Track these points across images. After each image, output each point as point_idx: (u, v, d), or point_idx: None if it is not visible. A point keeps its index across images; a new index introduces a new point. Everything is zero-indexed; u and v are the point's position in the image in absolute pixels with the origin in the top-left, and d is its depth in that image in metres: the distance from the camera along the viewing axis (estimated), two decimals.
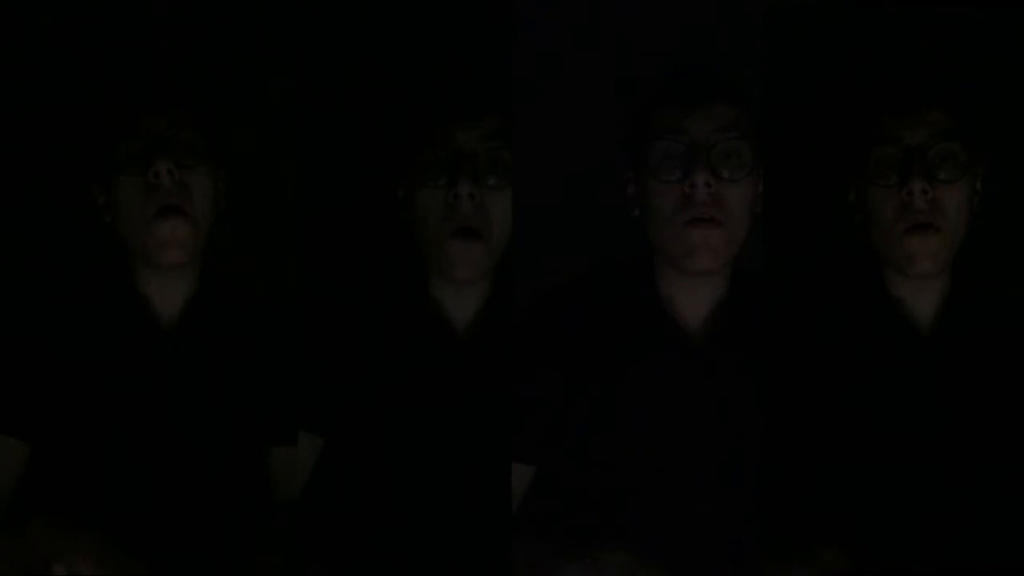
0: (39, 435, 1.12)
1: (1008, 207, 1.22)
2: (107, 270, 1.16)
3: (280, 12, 1.30)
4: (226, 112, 1.18)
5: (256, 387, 1.16)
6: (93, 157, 1.14)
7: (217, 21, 1.33)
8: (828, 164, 1.19)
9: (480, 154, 1.10)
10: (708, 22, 1.29)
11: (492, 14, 1.26)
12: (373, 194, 1.24)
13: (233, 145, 1.18)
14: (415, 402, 1.14)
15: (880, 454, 1.11)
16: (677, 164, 1.07)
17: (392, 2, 1.35)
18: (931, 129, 1.09)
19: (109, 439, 1.11)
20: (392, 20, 1.35)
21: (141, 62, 1.33)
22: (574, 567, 0.67)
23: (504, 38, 1.23)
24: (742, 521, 1.09)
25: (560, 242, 1.25)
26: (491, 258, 1.13)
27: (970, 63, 1.29)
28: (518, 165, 1.11)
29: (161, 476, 1.11)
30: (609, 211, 1.16)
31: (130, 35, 1.34)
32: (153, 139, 1.10)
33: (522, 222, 1.12)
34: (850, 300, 1.16)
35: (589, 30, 1.33)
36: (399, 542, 1.12)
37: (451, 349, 1.15)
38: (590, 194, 1.26)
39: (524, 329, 1.14)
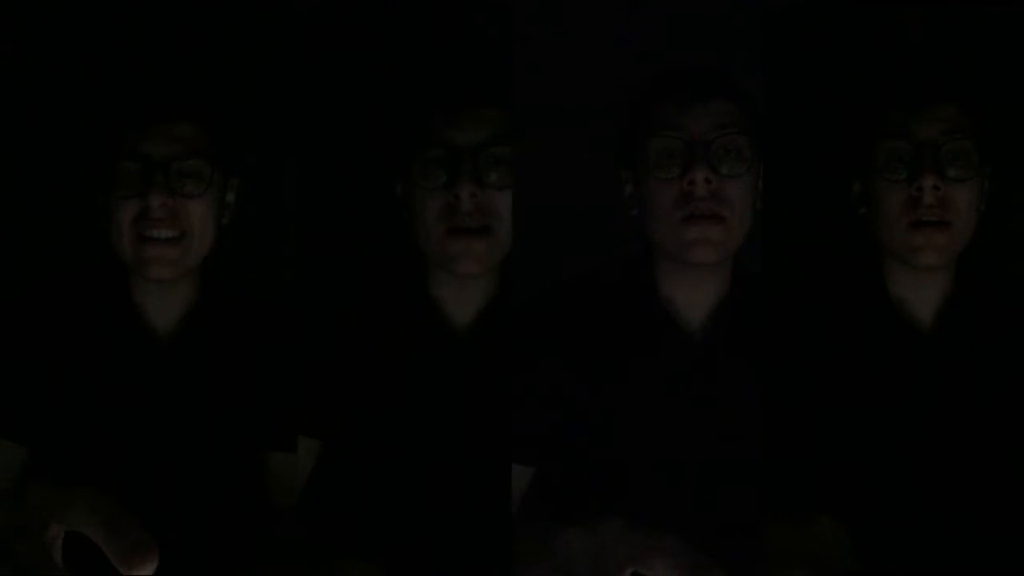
0: (37, 440, 1.12)
1: (1012, 206, 1.20)
2: (104, 277, 1.16)
3: (279, 8, 1.29)
4: (224, 110, 1.16)
5: (255, 394, 1.15)
6: (95, 167, 1.12)
7: (215, 19, 1.33)
8: (830, 161, 1.18)
9: (480, 152, 1.07)
10: (709, 16, 1.28)
11: (491, 10, 1.25)
12: (372, 191, 1.23)
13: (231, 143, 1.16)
14: (414, 403, 1.13)
15: (881, 452, 1.10)
16: (675, 161, 1.06)
17: None
18: (944, 125, 1.07)
19: (103, 446, 1.11)
20: (391, 15, 1.35)
21: (147, 68, 1.33)
22: (571, 532, 0.66)
23: (503, 34, 1.22)
24: (742, 521, 1.07)
25: (560, 242, 1.24)
26: (496, 252, 1.11)
27: (971, 61, 1.27)
28: (518, 164, 1.10)
29: (156, 484, 1.11)
30: (610, 210, 1.15)
31: (134, 39, 1.34)
32: (154, 163, 1.07)
33: (522, 222, 1.11)
34: (850, 298, 1.15)
35: (588, 27, 1.32)
36: (398, 543, 1.11)
37: (451, 349, 1.14)
38: (591, 193, 1.25)
39: (523, 329, 1.13)
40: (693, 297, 1.12)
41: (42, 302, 1.16)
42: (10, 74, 1.32)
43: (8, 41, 1.32)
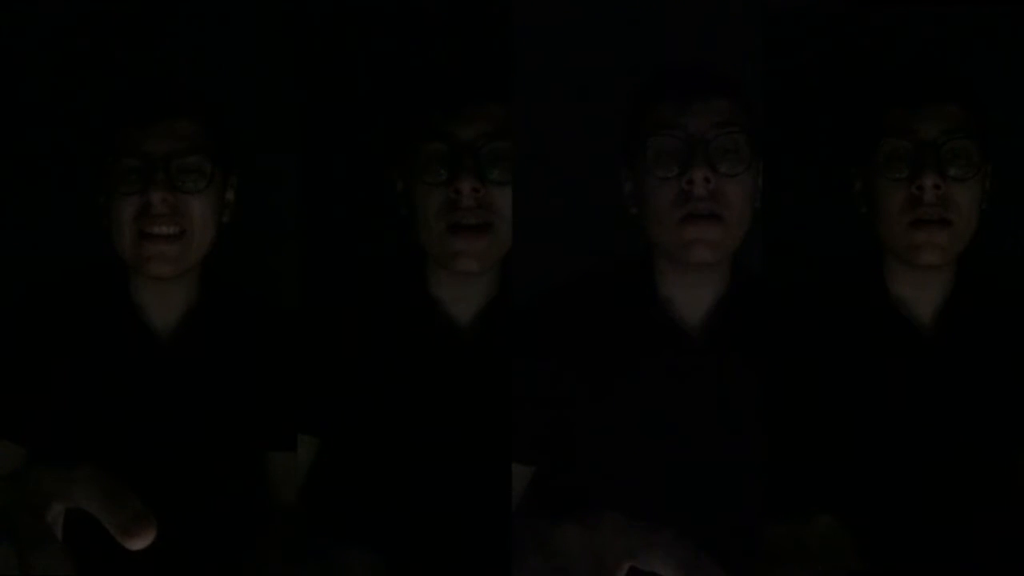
0: (37, 440, 1.12)
1: (1012, 206, 1.20)
2: (104, 277, 1.15)
3: (281, 6, 1.29)
4: (224, 107, 1.16)
5: (255, 393, 1.15)
6: (96, 166, 1.12)
7: (216, 16, 1.33)
8: (830, 160, 1.17)
9: (481, 147, 1.07)
10: (709, 16, 1.28)
11: (492, 7, 1.25)
12: (373, 190, 1.23)
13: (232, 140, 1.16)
14: (414, 402, 1.13)
15: (881, 452, 1.10)
16: (674, 160, 1.06)
17: None
18: (945, 124, 1.07)
19: (103, 445, 1.11)
20: (391, 11, 1.35)
21: (147, 65, 1.33)
22: (568, 528, 0.66)
23: (504, 32, 1.22)
24: (742, 521, 1.07)
25: (560, 241, 1.24)
26: (497, 250, 1.10)
27: (971, 61, 1.27)
28: (518, 163, 1.09)
29: (156, 483, 1.10)
30: (610, 209, 1.15)
31: (135, 37, 1.34)
32: (155, 160, 1.07)
33: (522, 220, 1.11)
34: (850, 298, 1.15)
35: (588, 26, 1.32)
36: (398, 543, 1.11)
37: (451, 348, 1.14)
38: (591, 192, 1.25)
39: (524, 328, 1.12)
40: (692, 296, 1.12)
41: (42, 302, 1.15)
42: (10, 73, 1.32)
43: (8, 40, 1.32)
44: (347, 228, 1.35)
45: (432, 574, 1.11)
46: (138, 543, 0.57)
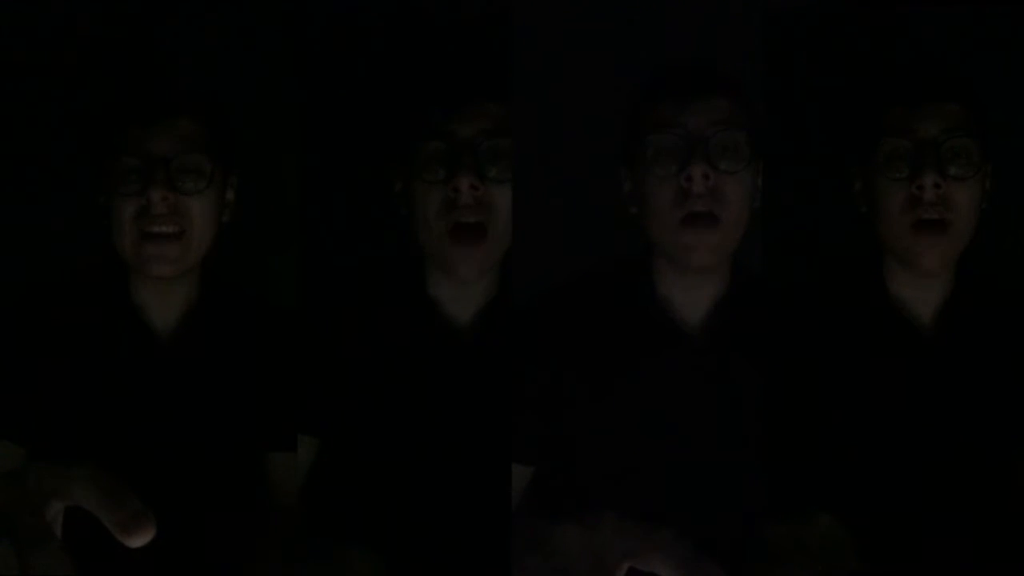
0: (37, 440, 1.12)
1: (1012, 206, 1.20)
2: (104, 277, 1.15)
3: (280, 7, 1.29)
4: (226, 108, 1.16)
5: (255, 393, 1.15)
6: (96, 166, 1.12)
7: (216, 16, 1.33)
8: (830, 159, 1.17)
9: (480, 144, 1.07)
10: (709, 16, 1.28)
11: (491, 8, 1.25)
12: (373, 190, 1.23)
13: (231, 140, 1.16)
14: (413, 402, 1.13)
15: (881, 452, 1.10)
16: (673, 158, 1.06)
17: None
18: (945, 123, 1.07)
19: (103, 445, 1.11)
20: (391, 11, 1.35)
21: (148, 65, 1.33)
22: (568, 528, 0.66)
23: (504, 32, 1.22)
24: (742, 521, 1.07)
25: (560, 241, 1.24)
26: (495, 254, 1.10)
27: (971, 61, 1.27)
28: (517, 163, 1.09)
29: (156, 483, 1.10)
30: (610, 209, 1.15)
31: (135, 37, 1.34)
32: (155, 159, 1.07)
33: (522, 220, 1.11)
34: (850, 298, 1.14)
35: (588, 26, 1.32)
36: (398, 543, 1.11)
37: (451, 349, 1.14)
38: (591, 192, 1.25)
39: (523, 328, 1.13)
40: (692, 296, 1.12)
41: (42, 302, 1.15)
42: (10, 73, 1.32)
43: (8, 39, 1.32)
44: (347, 228, 1.35)
45: (432, 574, 1.11)
46: (137, 541, 0.58)
